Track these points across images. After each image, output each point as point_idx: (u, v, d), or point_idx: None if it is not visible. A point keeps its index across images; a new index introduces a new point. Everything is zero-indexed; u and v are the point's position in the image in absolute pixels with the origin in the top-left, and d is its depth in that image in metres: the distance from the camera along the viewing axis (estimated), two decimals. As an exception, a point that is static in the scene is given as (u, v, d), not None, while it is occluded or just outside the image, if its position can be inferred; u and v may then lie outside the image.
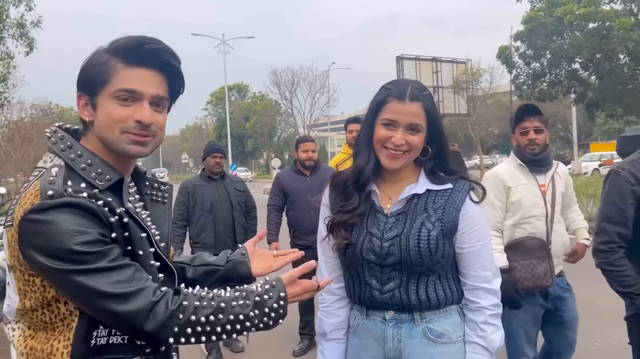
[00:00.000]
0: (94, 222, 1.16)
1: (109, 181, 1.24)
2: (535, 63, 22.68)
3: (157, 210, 1.41)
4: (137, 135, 1.25)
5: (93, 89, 1.26)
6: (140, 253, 1.25)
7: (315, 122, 48.47)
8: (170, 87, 1.32)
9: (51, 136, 1.29)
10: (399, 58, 29.94)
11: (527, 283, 2.90)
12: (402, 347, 1.64)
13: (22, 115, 44.22)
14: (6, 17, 14.65)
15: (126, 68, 1.24)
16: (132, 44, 1.25)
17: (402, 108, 1.59)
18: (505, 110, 43.59)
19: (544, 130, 2.96)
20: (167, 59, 1.28)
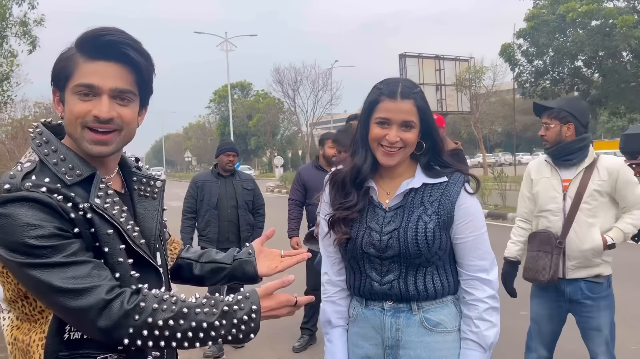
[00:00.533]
0: (52, 216, 1.14)
1: (79, 177, 1.21)
2: (537, 61, 22.66)
3: (145, 206, 1.37)
4: (97, 133, 1.22)
5: (61, 84, 1.24)
6: (106, 250, 1.21)
7: (318, 120, 48.47)
8: (138, 80, 1.26)
9: (32, 131, 1.28)
10: (401, 56, 29.92)
11: (527, 274, 2.94)
12: (399, 336, 1.69)
13: (26, 113, 44.42)
14: (9, 15, 14.71)
15: (86, 62, 1.21)
16: (89, 36, 1.20)
17: (394, 107, 1.65)
18: (508, 107, 43.51)
19: (552, 125, 2.91)
20: (125, 51, 1.21)
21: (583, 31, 20.54)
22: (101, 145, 1.23)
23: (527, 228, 3.09)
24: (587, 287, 2.86)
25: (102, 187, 1.24)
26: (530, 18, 21.76)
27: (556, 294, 2.93)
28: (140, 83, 1.28)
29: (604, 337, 2.88)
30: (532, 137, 57.96)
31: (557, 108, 2.91)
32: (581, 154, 2.86)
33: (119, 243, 1.24)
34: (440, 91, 30.41)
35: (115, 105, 1.22)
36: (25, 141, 41.13)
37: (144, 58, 1.25)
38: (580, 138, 2.86)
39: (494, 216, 13.14)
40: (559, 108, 2.90)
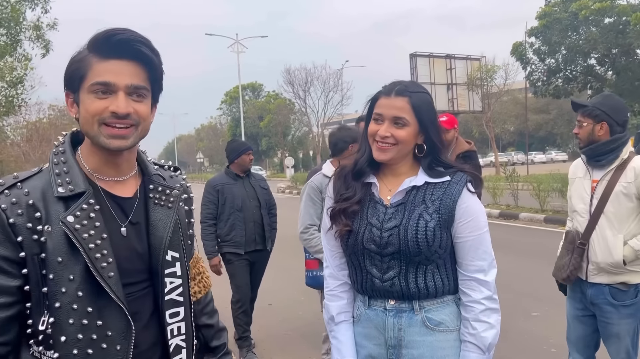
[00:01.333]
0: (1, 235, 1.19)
1: (70, 192, 1.23)
2: (550, 60, 22.44)
3: (158, 214, 1.36)
4: (115, 128, 1.24)
5: (75, 86, 1.27)
6: (51, 276, 1.20)
7: (329, 120, 48.43)
8: (150, 77, 1.29)
9: (57, 141, 1.35)
10: (412, 55, 29.81)
11: (557, 273, 2.95)
12: (402, 335, 1.70)
13: (40, 115, 45.02)
14: (23, 19, 14.89)
15: (100, 62, 1.24)
16: (101, 36, 1.24)
17: (387, 103, 1.70)
18: (520, 106, 43.18)
19: (586, 124, 2.76)
20: (138, 48, 1.24)
21: (596, 29, 20.32)
22: (120, 139, 1.25)
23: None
24: (610, 292, 2.71)
25: (85, 208, 1.23)
26: (542, 16, 21.57)
27: (581, 295, 2.86)
28: (152, 80, 1.31)
29: (624, 345, 2.75)
30: (545, 136, 57.47)
31: (591, 106, 2.77)
32: (612, 156, 2.70)
33: (70, 271, 1.20)
34: (452, 90, 30.24)
35: (131, 101, 1.25)
36: (40, 143, 41.59)
37: (155, 55, 1.29)
38: (613, 139, 2.70)
39: (506, 216, 13.06)
40: (592, 107, 2.76)
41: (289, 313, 5.22)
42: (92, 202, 1.25)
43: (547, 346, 4.47)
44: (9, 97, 15.33)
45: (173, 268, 1.36)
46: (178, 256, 1.38)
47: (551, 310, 5.35)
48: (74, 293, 1.20)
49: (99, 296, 1.22)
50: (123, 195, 1.33)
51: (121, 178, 1.34)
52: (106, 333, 1.23)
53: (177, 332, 1.38)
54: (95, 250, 1.21)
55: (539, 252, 8.54)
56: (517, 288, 6.01)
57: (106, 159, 1.30)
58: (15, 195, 1.20)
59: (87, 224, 1.22)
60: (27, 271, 1.19)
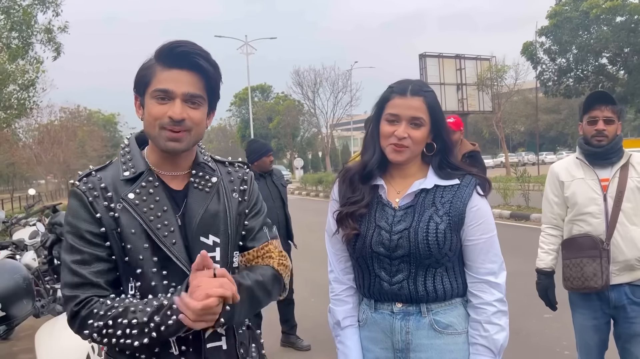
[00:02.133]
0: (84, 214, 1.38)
1: (133, 173, 1.41)
2: (560, 59, 22.30)
3: (195, 197, 1.45)
4: (171, 132, 1.37)
5: (142, 90, 1.41)
6: (129, 247, 1.36)
7: (338, 121, 48.46)
8: (207, 86, 1.41)
9: (125, 140, 1.53)
10: (421, 56, 29.74)
11: (576, 283, 2.72)
12: (409, 338, 1.68)
13: (52, 118, 45.40)
14: (34, 23, 15.02)
15: (163, 70, 1.37)
16: (165, 48, 1.37)
17: (403, 103, 1.66)
18: (531, 107, 42.92)
19: (615, 121, 2.69)
20: (196, 60, 1.37)
21: (607, 28, 20.16)
22: (174, 141, 1.38)
23: (558, 235, 2.90)
24: (631, 291, 2.67)
25: (144, 185, 1.40)
26: (553, 15, 21.44)
27: (599, 302, 2.74)
28: (209, 89, 1.42)
29: None
30: (555, 136, 57.07)
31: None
32: (620, 152, 2.71)
33: (144, 241, 1.36)
34: (462, 91, 30.12)
35: (187, 108, 1.37)
36: (51, 145, 41.83)
37: (212, 67, 1.41)
38: (620, 136, 2.73)
39: (517, 217, 12.97)
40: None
41: (298, 313, 5.21)
42: (152, 180, 1.42)
43: (560, 348, 4.42)
44: (21, 99, 15.46)
45: (212, 252, 1.42)
46: (219, 241, 1.45)
47: (564, 312, 5.27)
48: (150, 259, 1.36)
49: (169, 262, 1.38)
50: (176, 188, 1.47)
51: (178, 172, 1.47)
52: (170, 290, 1.36)
53: None
54: (156, 221, 1.38)
55: (551, 253, 8.47)
56: (528, 289, 5.94)
57: (165, 156, 1.44)
58: (90, 181, 1.40)
59: (147, 199, 1.39)
60: (110, 244, 1.37)
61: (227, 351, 1.45)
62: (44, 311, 2.91)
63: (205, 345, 1.41)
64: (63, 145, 42.91)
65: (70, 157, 44.73)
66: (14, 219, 7.05)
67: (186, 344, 1.39)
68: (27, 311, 2.85)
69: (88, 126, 51.53)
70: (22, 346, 5.05)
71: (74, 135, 45.13)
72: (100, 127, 56.57)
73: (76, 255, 1.36)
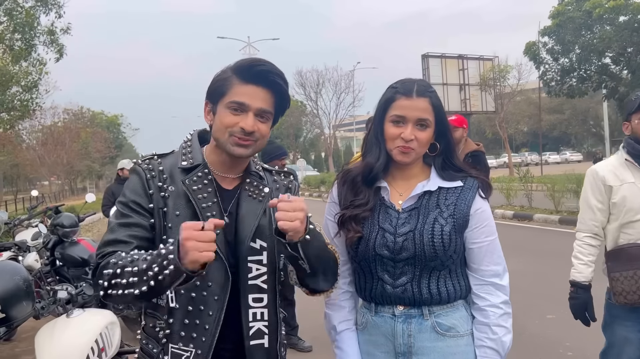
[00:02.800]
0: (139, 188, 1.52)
1: (190, 164, 1.53)
2: (563, 59, 22.24)
3: (249, 204, 1.56)
4: (240, 139, 1.48)
5: (215, 99, 1.52)
6: (169, 225, 1.48)
7: (340, 122, 48.48)
8: (276, 103, 1.53)
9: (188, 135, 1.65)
10: (424, 56, 29.72)
11: (632, 297, 2.49)
12: (412, 342, 1.66)
13: (55, 119, 45.50)
14: (37, 24, 15.02)
15: (240, 85, 1.48)
16: (246, 64, 1.50)
17: (410, 104, 1.64)
18: (534, 107, 42.82)
19: None
20: (274, 79, 1.49)
21: (610, 27, 20.09)
22: (242, 148, 1.50)
23: (597, 245, 2.68)
24: None
25: (200, 175, 1.52)
26: (556, 15, 21.38)
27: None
28: (278, 105, 1.55)
29: None
30: (559, 137, 56.96)
31: None
32: None
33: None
34: (464, 91, 30.09)
35: (257, 122, 1.49)
36: (55, 147, 41.86)
37: (286, 86, 1.53)
38: None
39: (520, 217, 12.94)
40: None
41: (299, 314, 5.19)
42: (207, 172, 1.54)
43: (562, 349, 4.40)
44: (24, 101, 15.47)
45: (259, 256, 1.53)
46: (266, 246, 1.54)
47: (567, 313, 5.22)
48: None
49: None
50: (226, 187, 1.57)
51: (230, 175, 1.58)
52: (207, 283, 1.47)
53: (260, 317, 1.53)
54: (206, 209, 1.49)
55: (554, 254, 8.43)
56: (531, 290, 5.93)
57: (224, 159, 1.56)
58: (151, 164, 1.55)
59: (201, 188, 1.51)
60: (153, 221, 1.49)
61: (268, 349, 1.53)
62: (44, 313, 2.91)
63: (248, 342, 1.50)
64: (66, 147, 43.04)
65: (73, 158, 44.87)
66: (17, 220, 7.06)
67: (227, 340, 1.48)
68: (27, 312, 2.85)
69: (91, 127, 51.66)
70: (23, 347, 5.05)
71: (78, 136, 45.25)
72: (104, 128, 56.71)
73: (122, 218, 1.49)
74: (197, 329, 1.47)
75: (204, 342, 1.47)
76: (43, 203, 9.99)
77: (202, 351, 1.47)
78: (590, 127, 53.35)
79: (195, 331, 1.47)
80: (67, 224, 5.20)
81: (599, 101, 33.02)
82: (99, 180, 61.87)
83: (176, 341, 1.47)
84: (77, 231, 5.39)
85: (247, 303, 1.51)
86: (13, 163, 40.44)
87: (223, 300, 1.48)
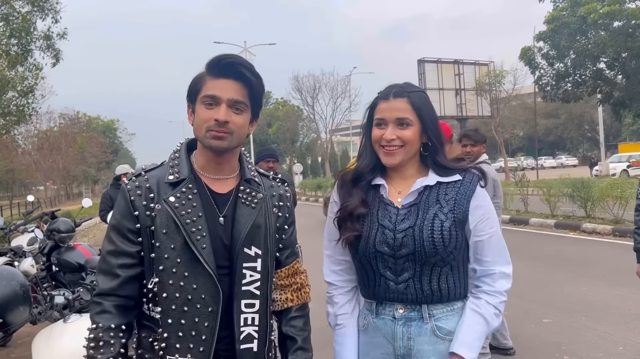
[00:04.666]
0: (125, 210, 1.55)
1: (176, 178, 1.56)
2: (559, 64, 22.35)
3: (242, 211, 1.59)
4: (216, 131, 1.51)
5: (193, 98, 1.57)
6: (157, 245, 1.51)
7: (337, 126, 48.52)
8: (249, 94, 1.56)
9: (177, 146, 1.67)
10: (420, 61, 29.82)
11: None
12: (411, 344, 1.67)
13: (51, 124, 45.33)
14: (34, 29, 15.01)
15: (211, 80, 1.54)
16: (215, 60, 1.55)
17: (387, 106, 1.69)
18: (529, 111, 42.94)
19: None
20: (241, 70, 1.53)
21: (605, 32, 20.22)
22: (219, 140, 1.52)
23: None
24: None
25: (184, 191, 1.54)
26: (550, 20, 21.50)
27: None
28: (252, 97, 1.57)
29: None
30: (554, 141, 57.11)
31: None
32: None
33: (172, 241, 1.50)
34: (460, 96, 30.18)
35: (231, 112, 1.52)
36: (50, 152, 41.67)
37: (255, 77, 1.56)
38: None
39: (516, 221, 12.96)
40: None
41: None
42: (191, 187, 1.55)
43: (559, 353, 4.41)
44: (20, 106, 15.43)
45: (254, 263, 1.57)
46: (261, 253, 1.58)
47: (563, 317, 5.29)
48: (174, 259, 1.50)
49: (195, 264, 1.50)
50: (219, 191, 1.60)
51: (221, 176, 1.61)
52: (200, 296, 1.49)
53: (251, 322, 1.56)
54: (191, 225, 1.51)
55: (550, 258, 8.46)
56: (527, 294, 5.94)
57: (210, 158, 1.58)
58: (138, 181, 1.56)
59: (185, 204, 1.53)
60: (141, 240, 1.53)
61: (257, 353, 1.57)
62: (41, 318, 2.90)
63: (239, 346, 1.54)
64: (62, 152, 42.91)
65: (69, 163, 44.71)
66: (13, 225, 7.03)
67: (221, 342, 1.52)
68: (24, 318, 2.84)
69: (87, 132, 51.54)
70: (19, 353, 5.03)
71: (74, 141, 45.13)
72: (100, 133, 56.60)
73: (110, 245, 1.55)
74: (193, 340, 1.49)
75: (202, 352, 1.50)
76: (39, 209, 9.92)
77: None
78: (586, 131, 53.50)
79: (191, 341, 1.49)
80: (63, 229, 5.18)
81: (594, 105, 33.18)
82: (95, 185, 61.67)
83: (173, 352, 1.50)
84: (73, 236, 5.37)
85: (240, 308, 1.54)
86: (9, 168, 40.28)
87: (217, 311, 1.50)
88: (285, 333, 1.69)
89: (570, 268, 7.38)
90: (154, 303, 1.51)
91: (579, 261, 7.98)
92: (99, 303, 1.52)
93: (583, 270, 7.23)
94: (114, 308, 1.51)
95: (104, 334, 1.48)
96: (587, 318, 5.22)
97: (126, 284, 1.53)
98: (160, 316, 1.50)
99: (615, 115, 24.12)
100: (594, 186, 11.72)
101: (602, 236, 10.15)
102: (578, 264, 7.73)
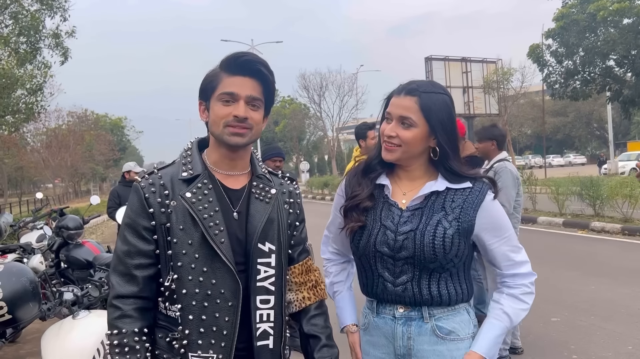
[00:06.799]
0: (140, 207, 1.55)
1: (190, 175, 1.56)
2: (567, 61, 22.19)
3: (256, 206, 1.60)
4: (235, 127, 1.53)
5: (207, 96, 1.58)
6: (174, 241, 1.50)
7: (344, 124, 48.45)
8: (264, 91, 1.58)
9: (188, 144, 1.68)
10: (427, 59, 29.65)
11: None
12: (411, 344, 1.67)
13: (60, 122, 45.55)
14: (42, 28, 15.08)
15: (228, 77, 1.55)
16: (231, 58, 1.56)
17: (396, 102, 1.66)
18: (537, 109, 42.70)
19: None
20: (257, 68, 1.55)
21: (615, 30, 20.06)
22: (238, 136, 1.54)
23: None
24: None
25: (199, 186, 1.55)
26: (559, 18, 21.36)
27: None
28: (266, 94, 1.59)
29: None
30: (563, 139, 56.75)
31: None
32: None
33: (190, 237, 1.50)
34: (468, 93, 30.00)
35: (249, 109, 1.54)
36: (59, 149, 41.90)
37: (270, 74, 1.58)
38: None
39: (524, 219, 12.86)
40: None
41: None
42: (206, 182, 1.56)
43: (567, 351, 4.38)
44: (29, 104, 15.50)
45: (268, 258, 1.57)
46: (275, 249, 1.58)
47: (572, 316, 5.26)
48: (192, 255, 1.49)
49: (213, 259, 1.50)
50: (232, 187, 1.61)
51: (234, 173, 1.62)
52: (220, 291, 1.49)
53: (267, 318, 1.56)
54: (209, 220, 1.51)
55: (558, 256, 8.42)
56: (536, 293, 5.92)
57: (224, 154, 1.59)
58: (152, 178, 1.56)
59: (202, 199, 1.53)
60: (156, 237, 1.52)
61: (272, 350, 1.57)
62: (50, 314, 2.92)
63: (256, 343, 1.54)
64: (70, 149, 43.11)
65: (77, 161, 44.92)
66: (22, 222, 7.07)
67: (239, 340, 1.52)
68: (34, 314, 2.86)
69: (95, 130, 51.77)
70: (28, 349, 5.06)
71: (82, 139, 45.34)
72: (108, 130, 56.83)
73: (125, 245, 1.54)
74: (215, 336, 1.49)
75: (223, 347, 1.50)
76: (47, 206, 10.00)
77: (223, 356, 1.50)
78: (594, 129, 53.16)
79: (213, 337, 1.49)
80: (72, 226, 5.20)
81: (603, 104, 32.94)
82: (103, 182, 61.97)
83: (195, 349, 1.49)
84: (81, 233, 5.40)
85: (255, 305, 1.54)
86: (17, 165, 40.47)
87: (237, 306, 1.50)
88: (307, 333, 1.69)
89: (579, 267, 7.35)
90: (172, 301, 1.50)
91: (587, 259, 7.93)
92: (118, 307, 1.50)
93: (592, 269, 7.19)
94: (134, 311, 1.50)
95: (128, 339, 1.47)
96: (596, 317, 5.19)
97: (145, 285, 1.52)
98: (180, 314, 1.49)
99: (625, 113, 23.91)
100: (603, 185, 11.63)
101: (611, 235, 10.08)
102: (587, 263, 7.69)
